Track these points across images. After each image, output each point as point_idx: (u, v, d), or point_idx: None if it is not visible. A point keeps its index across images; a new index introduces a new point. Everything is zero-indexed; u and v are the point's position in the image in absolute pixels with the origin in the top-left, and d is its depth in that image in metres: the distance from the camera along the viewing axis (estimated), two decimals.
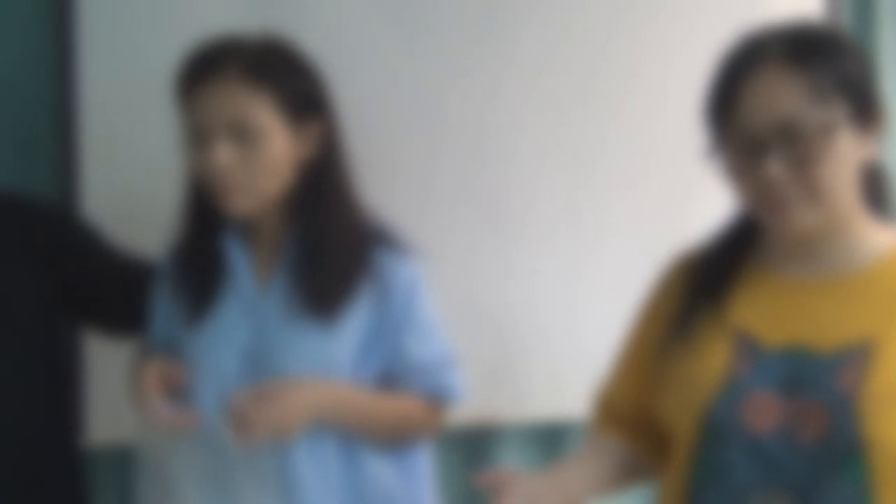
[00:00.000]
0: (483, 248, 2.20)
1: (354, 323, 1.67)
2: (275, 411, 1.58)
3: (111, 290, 1.86)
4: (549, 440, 2.34)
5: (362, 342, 1.67)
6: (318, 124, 1.65)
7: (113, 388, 1.99)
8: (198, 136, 1.60)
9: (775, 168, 1.35)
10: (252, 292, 1.69)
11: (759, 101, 1.36)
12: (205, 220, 1.71)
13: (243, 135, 1.57)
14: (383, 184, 1.84)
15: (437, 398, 1.76)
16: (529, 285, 2.22)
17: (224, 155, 1.57)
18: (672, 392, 1.46)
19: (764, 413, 1.39)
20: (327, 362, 1.67)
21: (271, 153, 1.59)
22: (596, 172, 2.25)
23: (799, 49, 1.37)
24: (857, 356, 1.37)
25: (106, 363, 2.06)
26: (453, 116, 2.16)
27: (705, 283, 1.48)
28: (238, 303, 1.69)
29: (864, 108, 1.39)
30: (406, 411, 1.72)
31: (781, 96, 1.35)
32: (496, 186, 2.21)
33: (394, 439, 1.72)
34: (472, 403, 1.82)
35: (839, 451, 1.34)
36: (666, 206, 2.27)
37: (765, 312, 1.44)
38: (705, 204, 1.96)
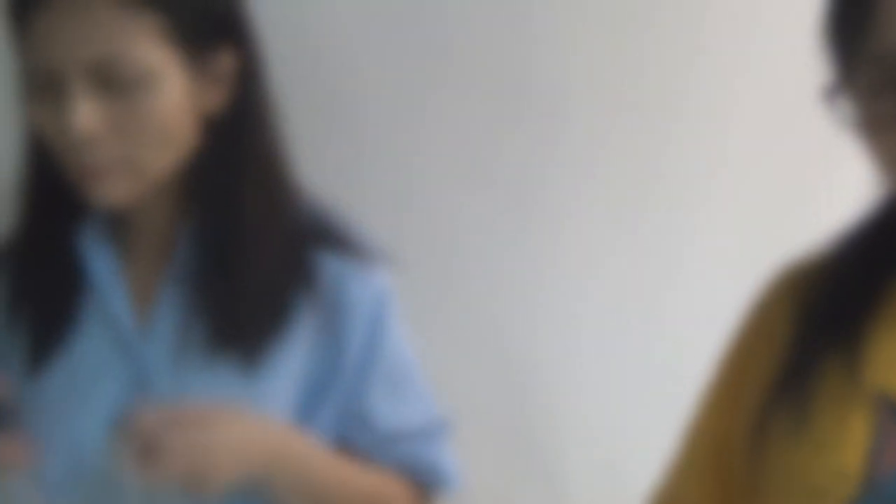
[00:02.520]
0: (503, 274, 1.97)
1: (289, 369, 1.41)
2: (200, 440, 1.32)
3: None
4: None
5: (301, 398, 1.42)
6: (228, 58, 1.40)
7: None
8: (45, 85, 1.35)
9: None
10: (128, 322, 1.43)
11: None
12: (54, 210, 1.45)
13: (116, 82, 1.34)
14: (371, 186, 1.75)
15: (421, 483, 1.49)
16: (568, 329, 2.00)
17: (88, 114, 1.32)
18: (776, 496, 1.25)
19: None
20: None
21: (161, 108, 1.35)
22: (665, 166, 2.01)
23: None
24: None
25: None
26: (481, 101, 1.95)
27: (830, 315, 1.26)
28: (106, 338, 1.42)
29: None
30: (387, 495, 1.47)
31: None
32: (524, 187, 1.97)
33: None
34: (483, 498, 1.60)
35: None
36: (767, 216, 2.04)
37: None
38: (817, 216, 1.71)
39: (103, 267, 1.43)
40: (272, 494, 1.39)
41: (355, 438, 1.44)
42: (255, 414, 1.38)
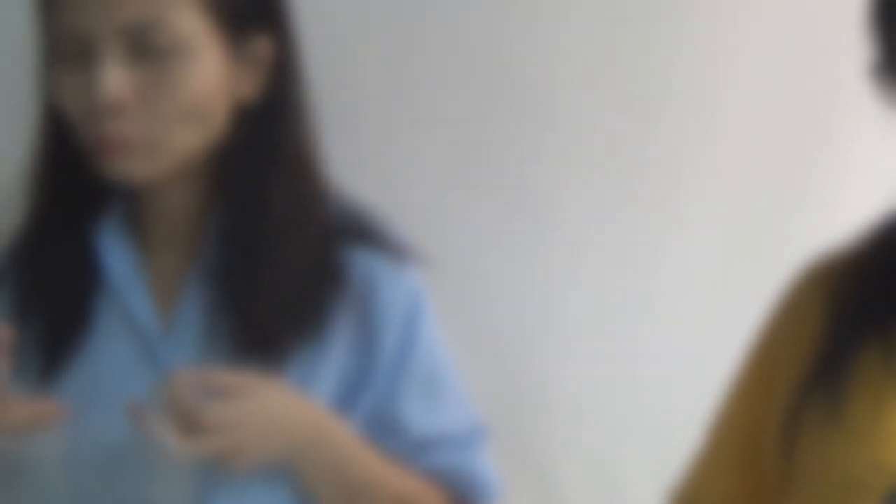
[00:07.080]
0: (494, 273, 1.90)
1: (322, 372, 1.35)
2: (239, 412, 1.27)
3: None
4: None
5: (332, 402, 1.34)
6: (265, 44, 1.34)
7: None
8: (72, 52, 1.28)
9: None
10: (149, 322, 1.35)
11: None
12: (67, 200, 1.36)
13: (150, 49, 1.27)
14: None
15: (457, 493, 1.39)
16: (559, 327, 1.92)
17: (117, 80, 1.25)
18: (811, 489, 1.22)
19: None
20: None
21: (194, 81, 1.29)
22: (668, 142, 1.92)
23: None
24: None
25: None
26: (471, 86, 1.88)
27: (865, 307, 1.24)
28: (125, 339, 1.34)
29: None
30: (424, 501, 1.38)
31: None
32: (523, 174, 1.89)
33: None
34: None
35: None
36: (757, 207, 1.96)
37: None
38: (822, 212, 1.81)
39: (122, 262, 1.34)
40: (302, 482, 1.32)
41: (388, 445, 1.36)
42: (293, 391, 1.31)
